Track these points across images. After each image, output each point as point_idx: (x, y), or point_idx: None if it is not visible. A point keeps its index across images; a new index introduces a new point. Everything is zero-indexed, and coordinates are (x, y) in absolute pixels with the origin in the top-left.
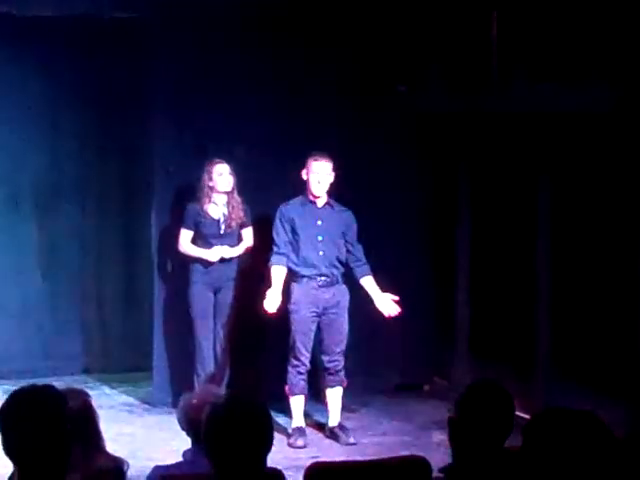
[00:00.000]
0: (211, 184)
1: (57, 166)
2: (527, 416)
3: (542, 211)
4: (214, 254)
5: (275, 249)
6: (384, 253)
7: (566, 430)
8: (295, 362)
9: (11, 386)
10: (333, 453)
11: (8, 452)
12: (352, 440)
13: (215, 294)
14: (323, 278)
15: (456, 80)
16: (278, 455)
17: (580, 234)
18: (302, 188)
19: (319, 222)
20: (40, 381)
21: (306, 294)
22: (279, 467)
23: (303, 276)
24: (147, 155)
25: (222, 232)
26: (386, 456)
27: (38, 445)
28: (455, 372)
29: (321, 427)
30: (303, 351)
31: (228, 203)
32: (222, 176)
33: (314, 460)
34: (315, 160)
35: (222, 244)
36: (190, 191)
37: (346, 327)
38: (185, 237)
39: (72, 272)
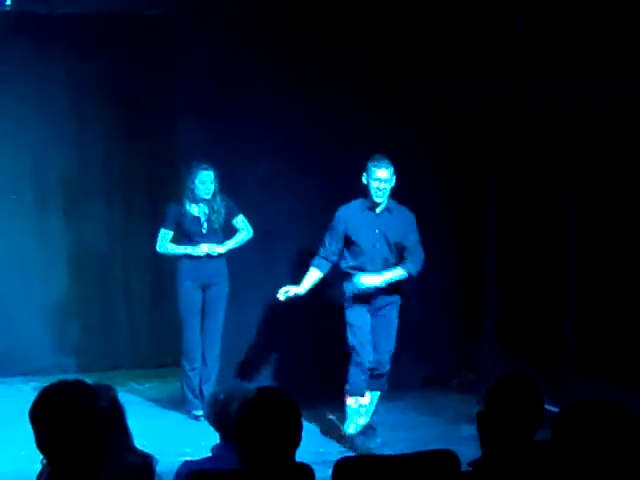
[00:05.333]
0: (192, 187)
1: (84, 164)
2: (556, 409)
3: (569, 203)
4: (201, 249)
5: (320, 251)
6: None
7: (595, 422)
8: (357, 358)
9: (40, 383)
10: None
11: (42, 448)
12: (379, 441)
13: (204, 291)
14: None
15: (481, 73)
16: (307, 450)
17: (608, 226)
18: (323, 187)
19: (376, 230)
20: (68, 378)
21: (360, 292)
22: (308, 462)
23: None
24: (173, 151)
25: (205, 231)
26: (415, 450)
27: (71, 441)
28: (483, 365)
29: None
30: (367, 347)
31: (208, 204)
32: (204, 184)
33: (343, 455)
34: (375, 166)
35: (206, 242)
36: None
37: (395, 327)
38: (164, 237)
39: (100, 269)
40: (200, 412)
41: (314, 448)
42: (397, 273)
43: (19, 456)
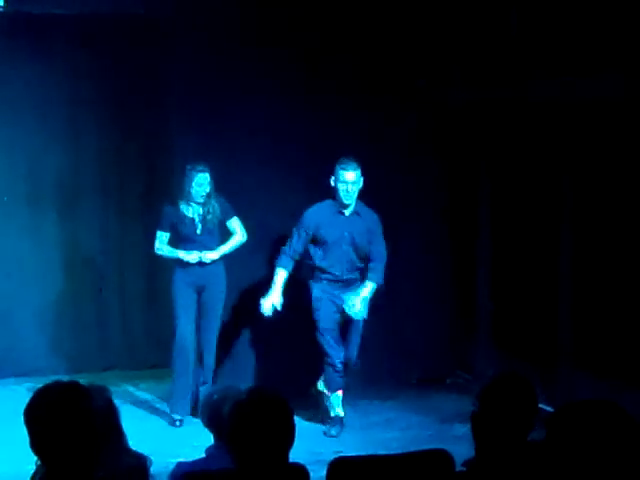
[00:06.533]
0: (189, 189)
1: (78, 164)
2: (550, 409)
3: (567, 203)
4: (192, 257)
5: (285, 250)
6: (406, 249)
7: (590, 422)
8: (329, 359)
9: (34, 384)
10: (356, 448)
11: (36, 449)
12: (334, 433)
13: (200, 293)
14: (341, 282)
15: (477, 73)
16: (301, 450)
17: (605, 225)
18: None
19: (346, 233)
20: (62, 378)
21: (326, 291)
22: (302, 462)
23: (322, 278)
24: (167, 152)
25: (199, 232)
26: (409, 450)
27: (66, 442)
28: (477, 365)
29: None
30: (335, 347)
31: (204, 205)
32: (201, 187)
33: (337, 455)
34: (343, 169)
35: (201, 243)
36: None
37: (361, 324)
38: (160, 239)
39: (94, 269)
40: (179, 417)
41: (309, 448)
42: (370, 289)
43: (12, 457)
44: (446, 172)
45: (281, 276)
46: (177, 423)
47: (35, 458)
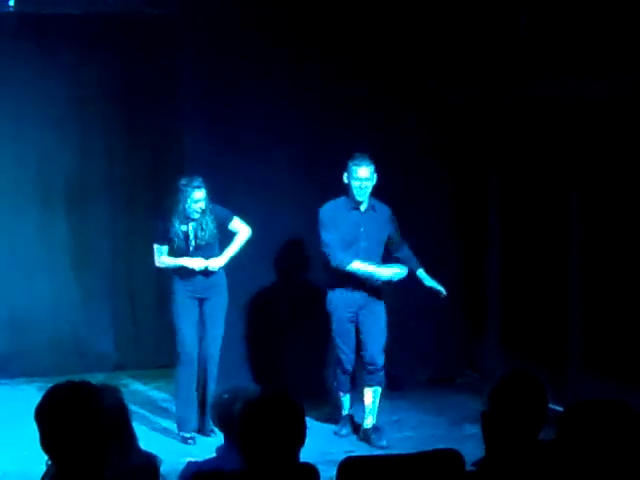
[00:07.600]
0: (185, 206)
1: (87, 164)
2: (559, 408)
3: (573, 202)
4: (197, 262)
5: (332, 251)
6: (415, 249)
7: (601, 421)
8: (340, 362)
9: (44, 383)
10: (367, 448)
11: (46, 448)
12: (384, 443)
13: (201, 303)
14: (359, 282)
15: (483, 73)
16: (312, 450)
17: (612, 224)
18: (325, 187)
19: (362, 229)
20: (73, 378)
21: (342, 296)
22: (313, 462)
23: (342, 278)
24: (176, 152)
25: (192, 247)
26: (419, 450)
27: (76, 441)
28: (487, 365)
29: (356, 426)
30: (346, 350)
31: (197, 221)
32: (197, 204)
33: (348, 454)
34: (356, 165)
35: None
36: (218, 189)
37: (383, 322)
38: (159, 252)
39: (103, 269)
40: (189, 434)
41: (319, 447)
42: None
43: (23, 457)
44: (448, 172)
45: (360, 264)
46: (189, 442)
47: (45, 458)
